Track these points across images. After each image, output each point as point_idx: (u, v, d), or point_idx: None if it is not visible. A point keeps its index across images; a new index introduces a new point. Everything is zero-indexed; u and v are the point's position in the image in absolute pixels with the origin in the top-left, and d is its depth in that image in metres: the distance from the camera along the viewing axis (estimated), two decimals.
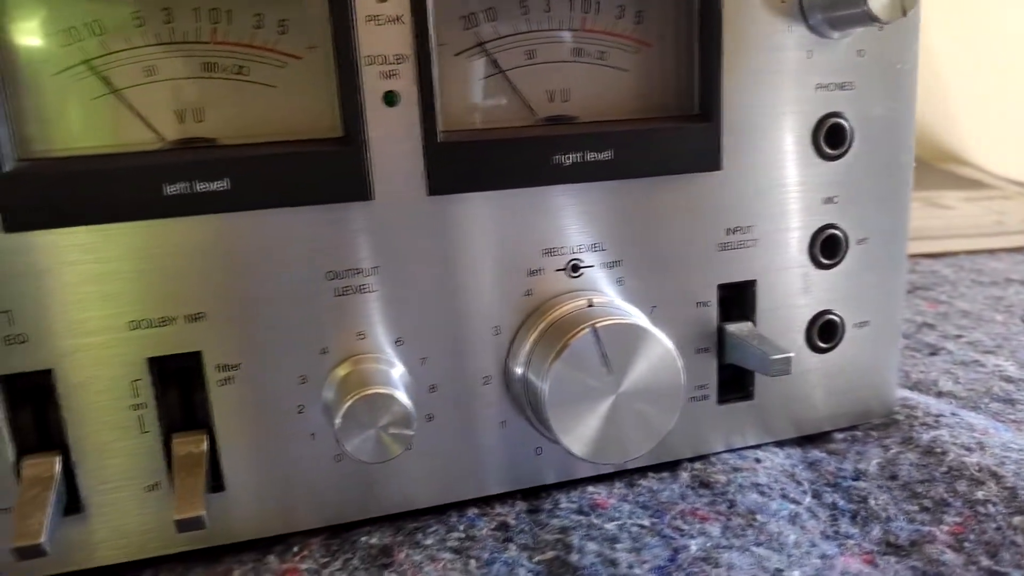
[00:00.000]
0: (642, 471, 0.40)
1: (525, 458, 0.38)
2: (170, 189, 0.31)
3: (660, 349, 0.34)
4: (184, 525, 0.31)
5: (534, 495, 0.39)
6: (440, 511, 0.38)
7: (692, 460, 0.41)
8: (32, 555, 0.30)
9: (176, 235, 0.32)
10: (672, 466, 0.41)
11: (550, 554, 0.34)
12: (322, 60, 0.34)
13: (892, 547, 0.33)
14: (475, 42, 0.36)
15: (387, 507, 0.37)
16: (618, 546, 0.34)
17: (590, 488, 0.39)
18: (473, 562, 0.34)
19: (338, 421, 0.31)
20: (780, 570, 0.32)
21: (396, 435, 0.32)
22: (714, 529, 0.35)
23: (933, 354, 0.54)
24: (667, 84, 0.38)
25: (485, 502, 0.38)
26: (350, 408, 0.31)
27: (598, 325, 0.33)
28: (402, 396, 0.32)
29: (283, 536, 0.36)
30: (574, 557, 0.34)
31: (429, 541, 0.36)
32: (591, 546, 0.34)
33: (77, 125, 0.32)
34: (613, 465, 0.40)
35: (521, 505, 0.38)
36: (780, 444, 0.42)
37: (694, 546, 0.34)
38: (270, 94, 0.34)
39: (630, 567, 0.33)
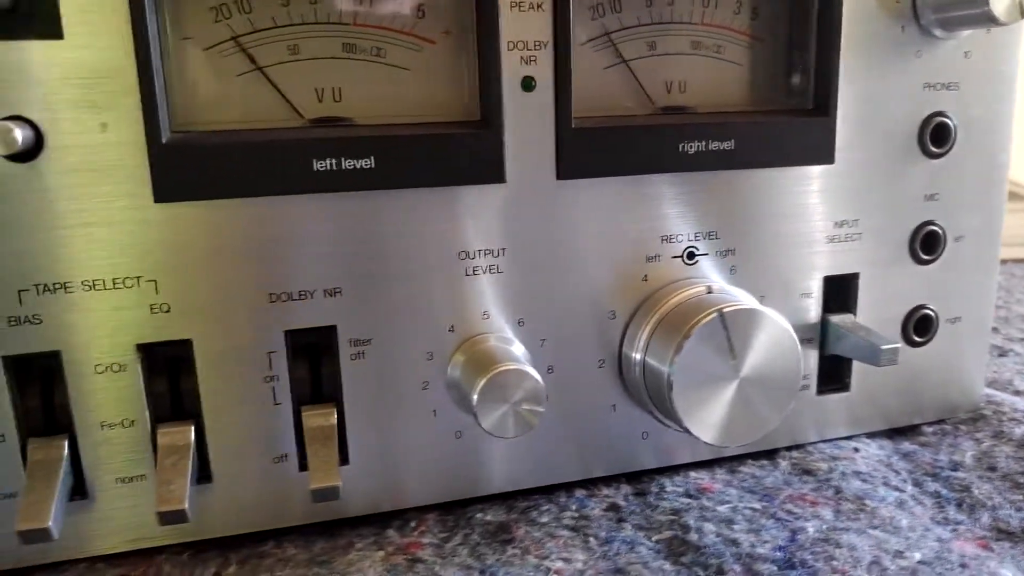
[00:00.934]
0: (740, 458, 0.41)
1: (631, 442, 0.39)
2: (318, 165, 0.32)
3: (783, 335, 0.35)
4: (320, 495, 0.32)
5: (637, 479, 0.40)
6: (547, 492, 0.39)
7: (789, 449, 0.42)
8: (174, 520, 0.31)
9: (319, 211, 0.33)
10: (769, 454, 0.41)
11: (667, 533, 0.35)
12: (456, 45, 0.35)
13: (1004, 533, 0.34)
14: (602, 32, 0.36)
15: (496, 486, 0.38)
16: (735, 527, 0.35)
17: (692, 474, 0.40)
18: (592, 539, 0.35)
19: (475, 397, 0.32)
20: (900, 551, 0.33)
21: (529, 411, 0.33)
22: (826, 513, 0.36)
23: (1002, 355, 0.55)
24: (778, 79, 0.39)
25: (591, 484, 0.39)
26: (487, 384, 0.32)
27: (725, 310, 0.34)
28: (535, 373, 0.33)
29: (396, 512, 0.37)
30: (693, 536, 0.34)
31: (544, 519, 0.36)
32: (708, 527, 0.35)
33: (221, 100, 0.33)
34: (712, 451, 0.40)
35: (626, 488, 0.39)
36: (871, 436, 0.43)
37: (811, 528, 0.34)
38: (404, 76, 0.35)
39: (752, 546, 0.33)
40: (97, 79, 0.30)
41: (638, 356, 0.36)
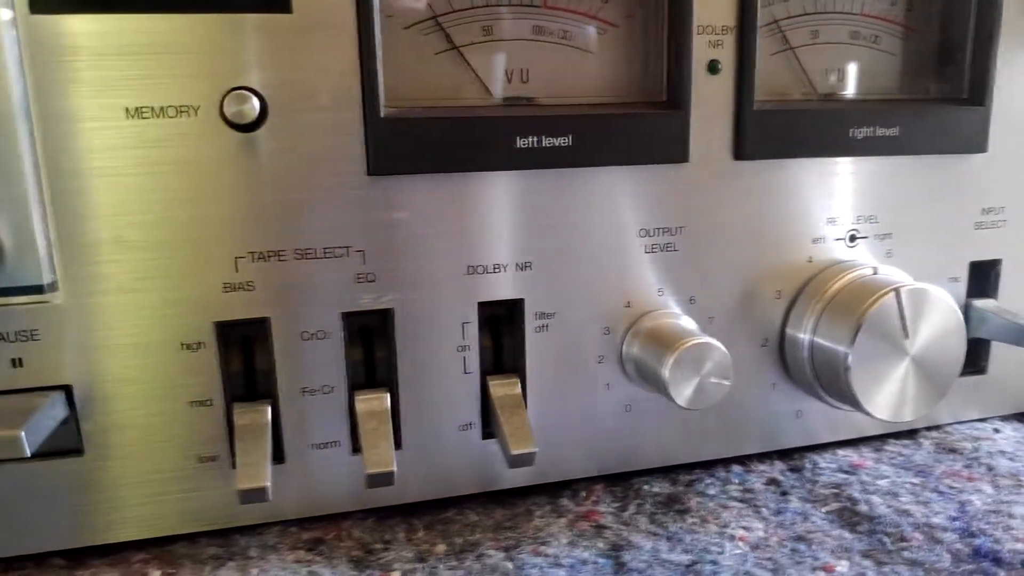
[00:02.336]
0: (880, 438, 0.42)
1: (785, 420, 0.40)
2: (521, 142, 0.33)
3: (950, 315, 0.36)
4: (517, 460, 0.33)
5: (788, 456, 0.41)
6: (705, 466, 0.40)
7: (928, 429, 0.43)
8: (381, 483, 0.32)
9: (516, 187, 0.34)
10: (910, 434, 0.43)
11: (835, 505, 0.36)
12: (638, 29, 0.36)
13: None
14: (771, 19, 0.38)
15: (651, 461, 0.39)
16: (902, 499, 0.36)
17: (840, 451, 0.41)
18: (764, 510, 0.36)
19: (667, 371, 0.33)
20: None
21: (716, 383, 0.34)
22: (986, 488, 0.37)
23: None
24: (932, 68, 0.40)
25: (745, 460, 0.40)
26: (679, 357, 0.33)
27: (902, 289, 0.35)
28: (723, 346, 0.34)
29: (562, 483, 0.38)
30: (863, 508, 0.35)
31: (712, 491, 0.37)
32: (875, 499, 0.36)
33: (419, 78, 0.34)
34: (855, 430, 0.41)
35: (780, 464, 0.40)
36: (1004, 419, 0.44)
37: (977, 501, 0.36)
38: (586, 59, 0.36)
39: (926, 516, 0.34)
40: (319, 53, 0.31)
41: (805, 336, 0.37)
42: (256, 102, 0.29)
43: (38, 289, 0.30)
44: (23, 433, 0.27)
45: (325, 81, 0.31)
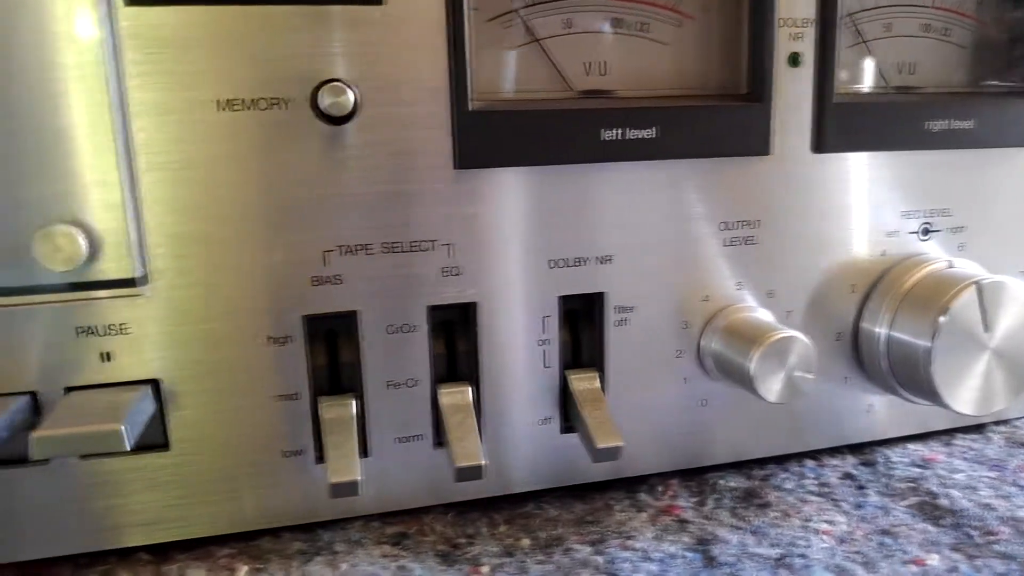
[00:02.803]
0: (948, 432, 0.42)
1: (856, 415, 0.40)
2: (606, 135, 0.33)
3: None
4: (603, 455, 0.33)
5: (858, 450, 0.41)
6: (778, 461, 0.39)
7: (996, 424, 0.43)
8: (470, 476, 0.32)
9: (600, 180, 0.34)
10: (977, 429, 0.43)
11: (914, 499, 0.36)
12: (715, 21, 0.36)
13: None
14: (846, 12, 0.37)
15: (724, 456, 0.39)
16: (981, 493, 0.36)
17: (909, 446, 0.41)
18: (844, 504, 0.36)
19: (753, 364, 0.33)
20: None
21: (801, 377, 0.34)
22: None
23: None
24: (1000, 61, 0.40)
25: (816, 455, 0.40)
26: (766, 351, 0.33)
27: (983, 283, 0.35)
28: (808, 339, 0.34)
29: (636, 478, 0.38)
30: (943, 502, 0.35)
31: (789, 486, 0.37)
32: (954, 493, 0.36)
33: (500, 70, 0.34)
34: (922, 425, 0.41)
35: (851, 459, 0.40)
36: None
37: None
38: (663, 51, 0.36)
39: (1010, 511, 0.34)
40: (408, 46, 0.31)
41: (881, 331, 0.37)
42: (351, 94, 0.29)
43: (129, 283, 0.30)
44: (124, 427, 0.27)
45: (414, 74, 0.31)
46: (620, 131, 0.33)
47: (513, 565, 0.32)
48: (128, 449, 0.27)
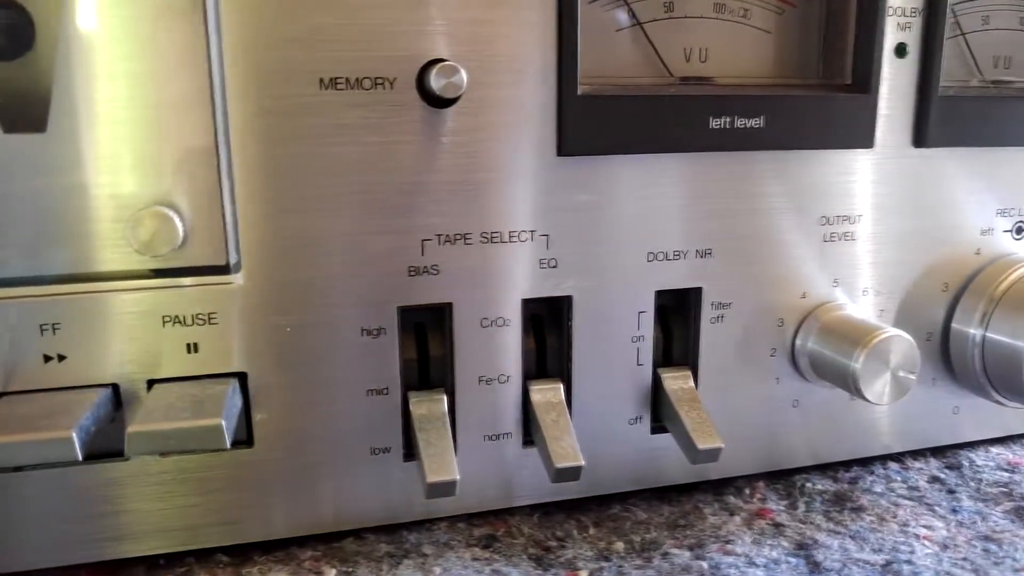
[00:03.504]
0: (1020, 437, 0.42)
1: (941, 417, 0.39)
2: (714, 123, 0.32)
3: None
4: (703, 456, 0.32)
5: (940, 453, 0.40)
6: (861, 463, 0.38)
7: None
8: (569, 478, 0.31)
9: (702, 170, 0.32)
10: None
11: (1009, 504, 0.35)
12: (817, 9, 0.34)
13: None
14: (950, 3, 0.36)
15: (810, 457, 0.38)
16: None
17: (992, 449, 0.40)
18: (938, 508, 0.35)
19: (858, 365, 0.32)
20: None
21: (905, 377, 0.33)
22: None
23: None
24: None
25: (898, 458, 0.39)
26: (871, 351, 0.32)
27: None
28: (911, 338, 0.32)
29: (721, 480, 0.37)
30: None
31: (878, 489, 0.36)
32: None
33: (599, 54, 0.32)
34: (1004, 427, 0.41)
35: (935, 462, 0.39)
36: None
37: None
38: (764, 39, 0.34)
39: None
40: (516, 28, 0.29)
41: (975, 332, 0.36)
42: (464, 75, 0.28)
43: (221, 270, 0.28)
44: (224, 422, 0.26)
45: (519, 57, 0.29)
46: (728, 120, 0.32)
47: (612, 570, 0.30)
48: (228, 446, 0.26)
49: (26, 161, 0.26)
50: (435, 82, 0.28)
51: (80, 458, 0.25)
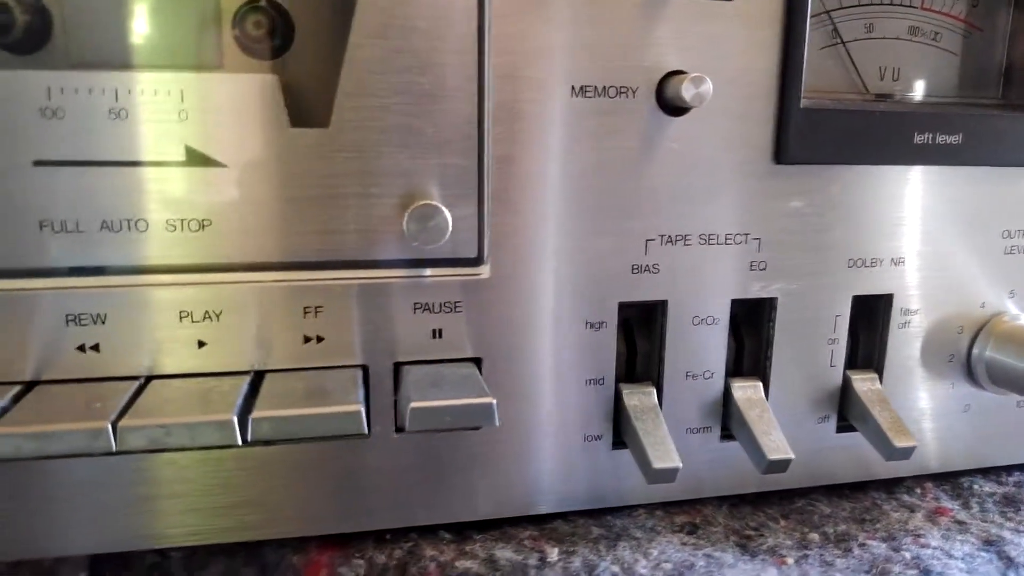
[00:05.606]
0: None
1: None
2: (918, 138, 0.33)
3: None
4: (899, 453, 0.33)
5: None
6: (1020, 468, 0.40)
7: None
8: (780, 469, 0.32)
9: (905, 182, 0.34)
10: None
11: None
12: (999, 33, 0.36)
13: None
14: None
15: (965, 462, 0.39)
16: None
17: None
18: None
19: None
20: None
21: None
22: None
23: None
24: None
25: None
26: None
27: None
28: None
29: (890, 480, 0.38)
30: None
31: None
32: None
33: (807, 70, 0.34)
34: None
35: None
36: None
37: None
38: (949, 60, 0.36)
39: None
40: (746, 42, 0.31)
41: None
42: (711, 86, 0.30)
43: (472, 262, 0.30)
44: (495, 401, 0.28)
45: (745, 70, 0.31)
46: (930, 135, 0.34)
47: (815, 558, 0.32)
48: (497, 424, 0.28)
49: (311, 153, 0.28)
50: (685, 92, 0.29)
51: (366, 431, 0.27)
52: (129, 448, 0.25)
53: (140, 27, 0.27)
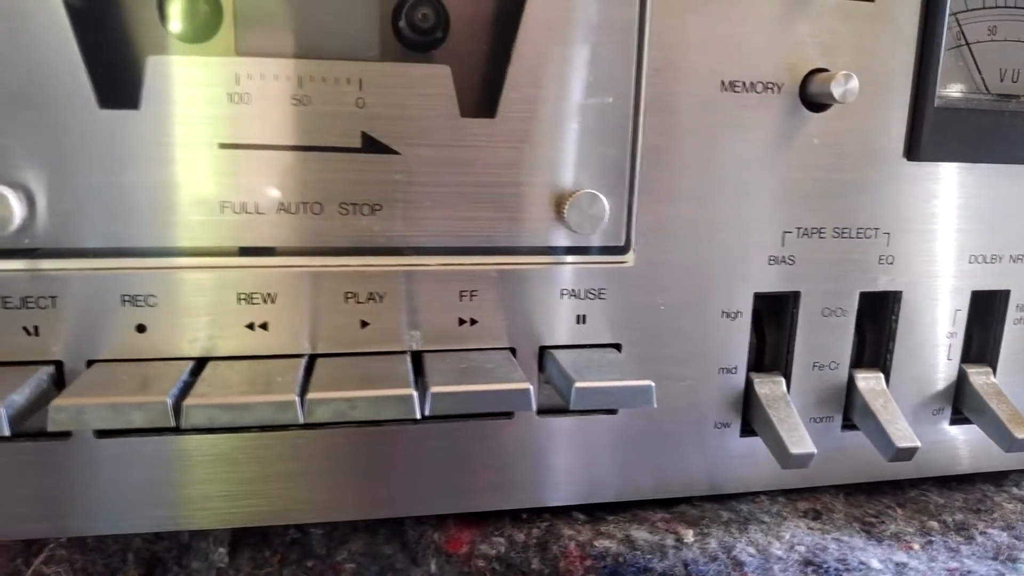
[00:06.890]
0: None
1: None
2: None
3: None
4: (1019, 444, 0.34)
5: None
6: None
7: None
8: (906, 457, 0.33)
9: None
10: None
11: None
12: None
13: None
14: None
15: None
16: None
17: None
18: None
19: None
20: None
21: None
22: None
23: None
24: None
25: None
26: None
27: None
28: None
29: (992, 473, 0.39)
30: None
31: None
32: None
33: None
34: None
35: None
36: None
37: None
38: None
39: None
40: (887, 41, 0.32)
41: None
42: (857, 83, 0.31)
43: (619, 250, 0.31)
44: (653, 384, 0.28)
45: (883, 70, 0.32)
46: None
47: (940, 544, 0.33)
48: (655, 406, 0.29)
49: (477, 143, 0.29)
50: (835, 88, 0.30)
51: (533, 408, 0.28)
52: (315, 419, 0.26)
53: (307, 18, 0.28)
